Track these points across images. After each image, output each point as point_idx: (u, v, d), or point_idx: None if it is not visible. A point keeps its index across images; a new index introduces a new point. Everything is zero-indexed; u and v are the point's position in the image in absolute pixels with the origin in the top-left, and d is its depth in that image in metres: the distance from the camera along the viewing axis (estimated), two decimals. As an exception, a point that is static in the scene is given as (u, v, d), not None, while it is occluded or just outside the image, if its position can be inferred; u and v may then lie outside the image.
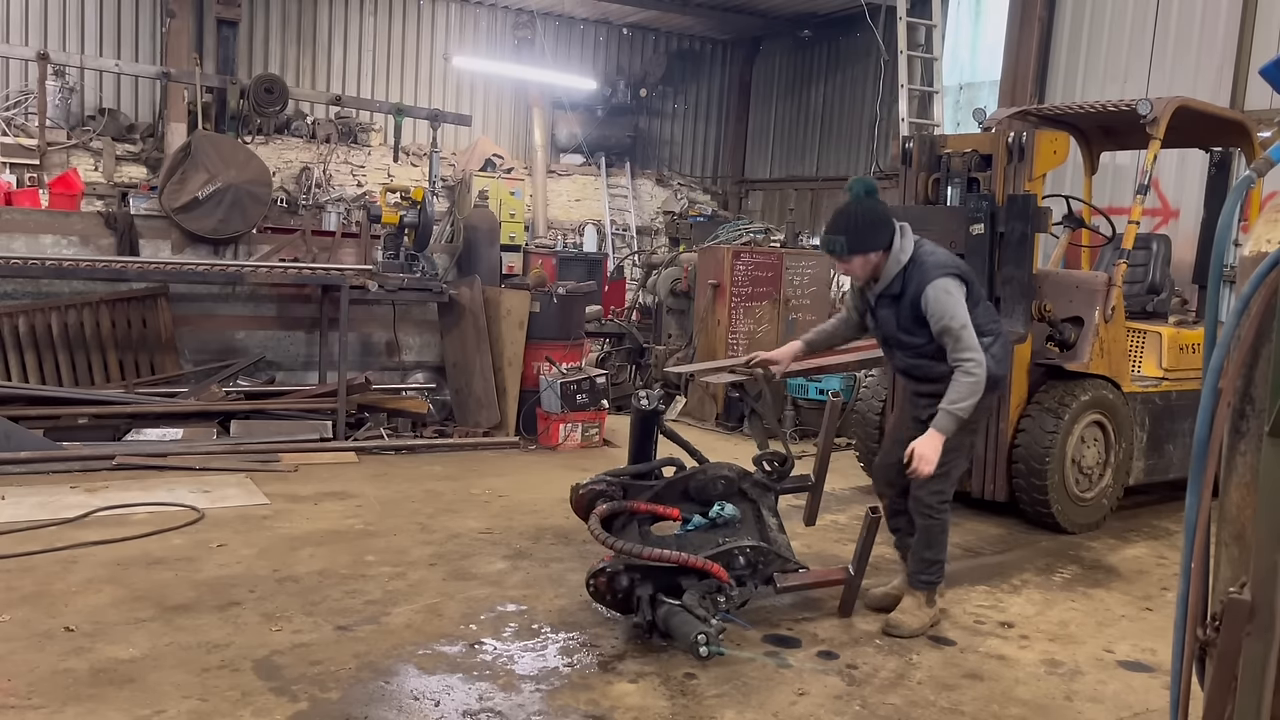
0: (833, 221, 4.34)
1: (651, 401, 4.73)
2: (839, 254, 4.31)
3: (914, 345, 4.37)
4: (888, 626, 4.44)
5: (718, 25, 16.71)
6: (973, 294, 4.34)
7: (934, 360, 4.32)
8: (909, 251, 4.28)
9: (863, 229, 4.25)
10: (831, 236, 4.29)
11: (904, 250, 4.28)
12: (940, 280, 4.20)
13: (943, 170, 6.41)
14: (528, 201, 15.55)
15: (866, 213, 4.28)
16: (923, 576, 4.52)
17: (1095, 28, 9.93)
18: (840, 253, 4.29)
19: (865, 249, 4.26)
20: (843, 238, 4.26)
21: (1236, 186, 2.14)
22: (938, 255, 4.34)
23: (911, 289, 4.25)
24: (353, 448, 7.26)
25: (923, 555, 4.52)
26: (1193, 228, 8.31)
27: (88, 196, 12.37)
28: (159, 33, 13.73)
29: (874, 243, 4.25)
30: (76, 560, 4.77)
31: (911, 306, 4.26)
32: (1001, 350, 4.44)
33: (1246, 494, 1.89)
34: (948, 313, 4.17)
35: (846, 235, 4.25)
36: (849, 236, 4.25)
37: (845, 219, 4.28)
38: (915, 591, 4.54)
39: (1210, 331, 2.17)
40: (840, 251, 4.29)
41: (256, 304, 8.25)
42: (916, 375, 4.49)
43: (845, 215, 4.30)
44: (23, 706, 3.37)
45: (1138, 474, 6.56)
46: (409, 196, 8.51)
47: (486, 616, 4.39)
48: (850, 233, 4.25)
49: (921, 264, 4.25)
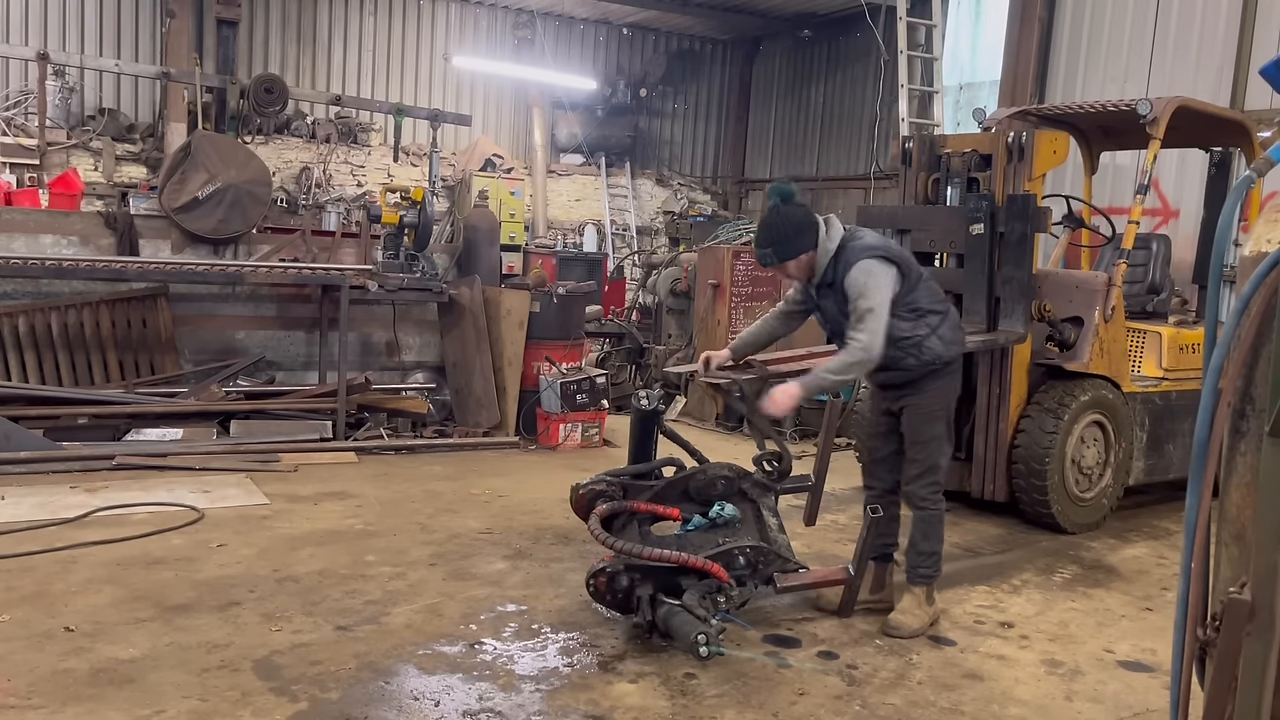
0: (758, 235, 4.42)
1: (651, 401, 4.73)
2: (771, 265, 4.37)
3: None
4: (887, 627, 4.43)
5: (718, 25, 16.71)
6: (908, 275, 4.36)
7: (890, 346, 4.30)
8: (836, 240, 4.32)
9: (787, 235, 4.30)
10: (761, 250, 4.36)
11: (830, 240, 4.32)
12: (863, 262, 4.23)
13: (942, 170, 6.41)
14: (528, 201, 15.55)
15: (787, 219, 4.32)
16: (921, 570, 4.53)
17: (1095, 28, 9.94)
18: (772, 263, 4.35)
19: (794, 254, 4.31)
20: (769, 250, 4.32)
21: (1237, 186, 2.14)
22: (865, 239, 4.37)
23: (840, 274, 4.29)
24: (353, 448, 7.26)
25: (919, 548, 4.53)
26: (1193, 228, 8.31)
27: (88, 196, 12.37)
28: (159, 33, 13.73)
29: (800, 245, 4.30)
30: (76, 560, 4.77)
31: (842, 292, 4.30)
32: (950, 331, 4.44)
33: (1246, 494, 1.89)
34: (862, 292, 4.21)
35: (773, 246, 4.32)
36: (775, 247, 4.31)
37: (768, 230, 4.35)
38: (913, 588, 4.54)
39: (1210, 331, 2.17)
40: (771, 262, 4.35)
41: (256, 304, 8.25)
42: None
43: (768, 226, 4.36)
44: (23, 706, 3.37)
45: (1137, 474, 6.56)
46: (409, 196, 8.51)
47: (486, 616, 4.39)
48: (776, 243, 4.31)
49: (848, 249, 4.29)
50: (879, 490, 4.75)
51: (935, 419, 4.46)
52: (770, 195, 4.41)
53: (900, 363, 4.36)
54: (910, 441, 4.52)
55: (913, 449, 4.52)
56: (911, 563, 4.55)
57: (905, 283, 4.32)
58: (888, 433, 4.66)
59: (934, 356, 4.38)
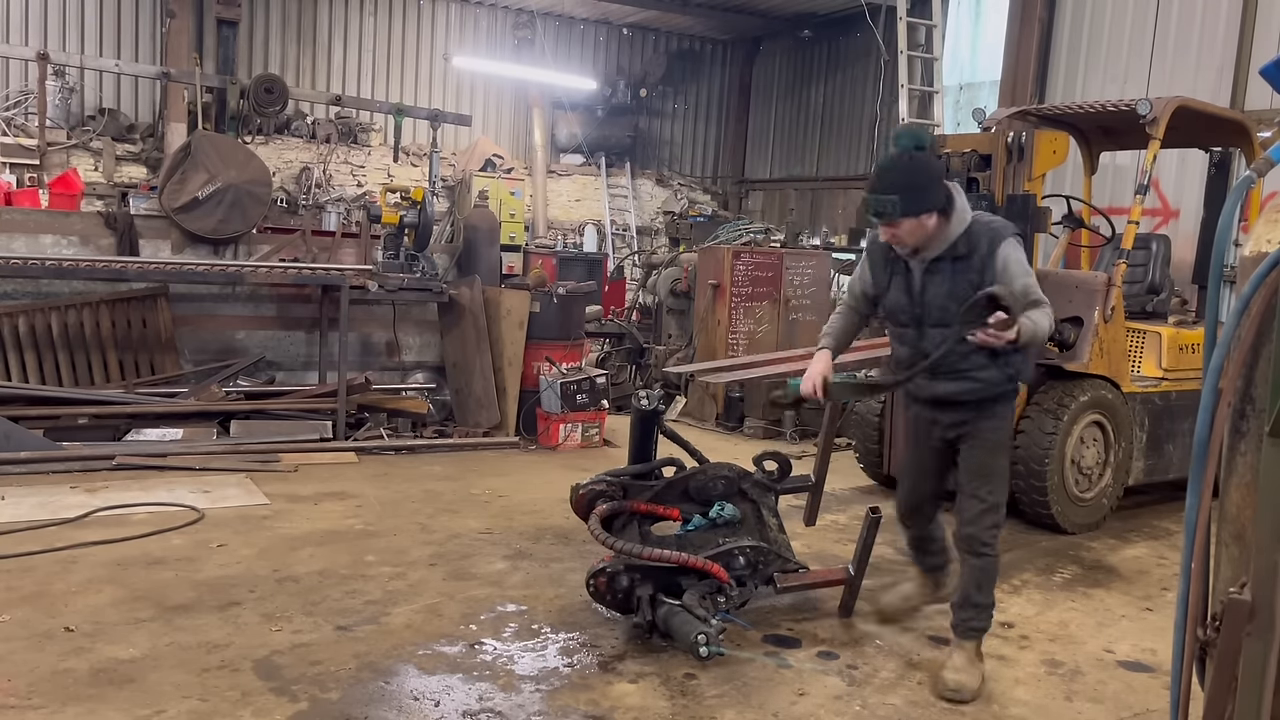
0: (880, 179, 3.69)
1: (651, 401, 4.73)
2: (891, 216, 3.64)
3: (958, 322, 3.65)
4: (946, 690, 3.82)
5: (718, 25, 16.71)
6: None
7: (969, 347, 3.64)
8: (969, 211, 3.77)
9: (919, 186, 3.62)
10: (881, 197, 3.63)
11: (966, 210, 3.76)
12: (1014, 239, 3.74)
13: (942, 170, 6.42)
14: (528, 201, 15.55)
15: (921, 168, 3.70)
16: (974, 624, 3.98)
17: (1095, 28, 9.94)
18: (893, 215, 3.63)
19: (920, 210, 3.63)
20: (895, 197, 3.61)
21: (1237, 186, 2.14)
22: (987, 214, 3.88)
23: (982, 248, 3.69)
24: (353, 448, 7.26)
25: (975, 600, 3.96)
26: (1193, 228, 8.31)
27: (88, 196, 12.37)
28: (159, 33, 13.73)
29: (931, 202, 3.65)
30: (76, 560, 4.77)
31: (979, 269, 3.68)
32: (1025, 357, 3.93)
33: (1246, 494, 1.89)
34: (1028, 270, 3.72)
35: (900, 194, 3.60)
36: (903, 196, 3.60)
37: (897, 175, 3.66)
38: (965, 643, 3.99)
39: (1210, 331, 2.17)
40: (893, 214, 3.63)
41: (256, 304, 8.25)
42: (944, 369, 3.79)
43: (897, 171, 3.69)
44: (23, 706, 3.37)
45: (1137, 474, 6.56)
46: (409, 196, 8.51)
47: (486, 617, 4.39)
48: (905, 190, 3.60)
49: (990, 224, 3.75)
50: (923, 534, 4.38)
51: (1003, 449, 3.96)
52: (899, 141, 3.86)
53: (977, 373, 3.79)
54: (972, 475, 3.94)
55: (975, 483, 3.93)
56: (964, 616, 3.97)
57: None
58: (938, 469, 4.14)
59: (1017, 370, 3.83)
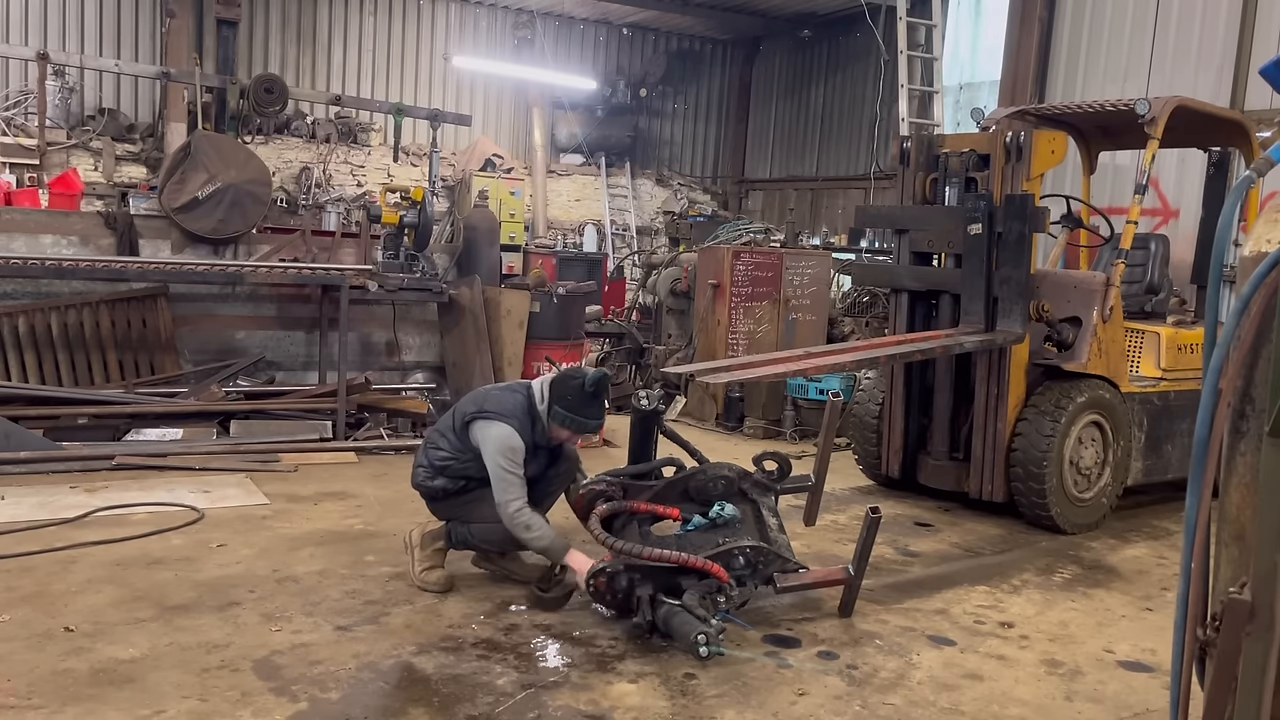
0: (597, 409, 4.63)
1: (651, 401, 4.73)
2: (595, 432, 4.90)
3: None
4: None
5: (718, 25, 16.71)
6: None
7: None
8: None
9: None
10: (598, 420, 4.71)
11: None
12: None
13: (940, 170, 6.42)
14: (528, 201, 15.56)
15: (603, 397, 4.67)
16: None
17: (1095, 28, 9.94)
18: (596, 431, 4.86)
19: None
20: (603, 418, 4.78)
21: (1237, 186, 2.15)
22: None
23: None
24: (353, 448, 7.26)
25: None
26: (1193, 228, 8.31)
27: (87, 196, 12.37)
28: (159, 33, 13.74)
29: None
30: (76, 560, 4.77)
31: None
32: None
33: (1246, 494, 1.89)
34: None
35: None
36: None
37: (600, 406, 4.64)
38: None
39: (1210, 331, 2.18)
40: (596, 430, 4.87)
41: (256, 304, 8.25)
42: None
43: (600, 403, 4.63)
44: (23, 706, 3.37)
45: (1136, 474, 6.56)
46: (409, 196, 8.51)
47: (486, 617, 4.39)
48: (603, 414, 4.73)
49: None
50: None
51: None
52: (594, 380, 4.58)
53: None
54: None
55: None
56: None
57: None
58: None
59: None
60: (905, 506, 6.61)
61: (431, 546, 4.66)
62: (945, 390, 6.44)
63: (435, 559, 4.66)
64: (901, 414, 6.65)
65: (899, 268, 6.59)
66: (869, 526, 4.47)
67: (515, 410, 4.47)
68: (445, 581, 4.63)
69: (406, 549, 4.68)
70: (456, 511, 4.65)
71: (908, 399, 6.64)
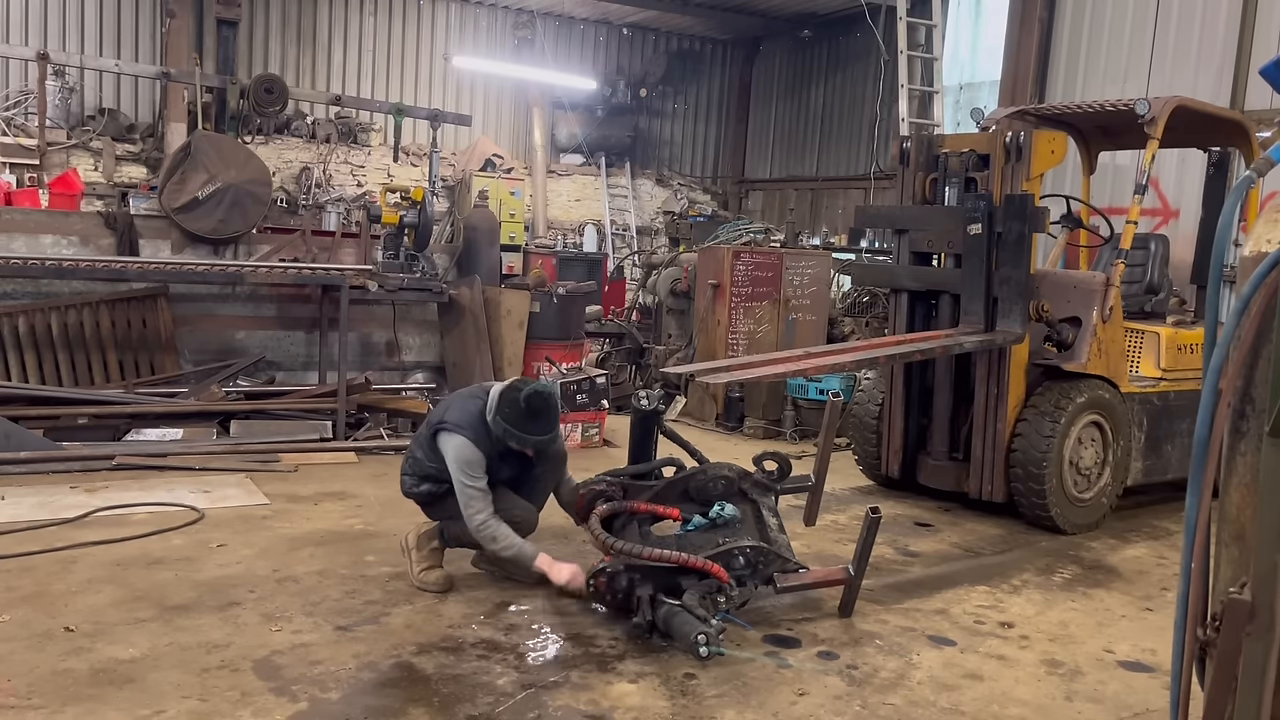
0: (549, 422, 4.52)
1: (651, 401, 4.73)
2: (552, 444, 4.69)
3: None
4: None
5: (718, 25, 16.71)
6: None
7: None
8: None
9: (558, 419, 4.63)
10: (551, 435, 4.58)
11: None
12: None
13: (940, 170, 6.42)
14: (528, 201, 15.56)
15: (556, 406, 4.59)
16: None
17: (1095, 28, 9.94)
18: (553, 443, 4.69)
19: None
20: (556, 430, 4.65)
21: (1237, 187, 2.15)
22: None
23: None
24: (353, 448, 7.26)
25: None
26: (1193, 228, 8.31)
27: (88, 196, 12.37)
28: (159, 33, 13.74)
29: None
30: (76, 560, 4.77)
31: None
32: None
33: (1246, 494, 1.89)
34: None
35: (557, 429, 4.65)
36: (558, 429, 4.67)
37: (553, 416, 4.54)
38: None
39: (1210, 331, 2.18)
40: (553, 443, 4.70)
41: (256, 304, 8.25)
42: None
43: (552, 413, 4.52)
44: (22, 706, 3.37)
45: (1135, 474, 6.56)
46: (409, 196, 8.51)
47: (487, 617, 4.39)
48: (557, 425, 4.62)
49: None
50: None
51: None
52: (541, 391, 4.54)
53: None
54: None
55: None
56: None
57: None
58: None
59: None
60: (905, 506, 6.61)
61: (428, 546, 4.67)
62: (945, 390, 6.44)
63: (433, 558, 4.67)
64: (901, 414, 6.65)
65: (898, 268, 6.60)
66: (869, 526, 4.47)
67: (471, 421, 4.48)
68: (444, 581, 4.64)
69: (404, 551, 4.69)
70: (446, 513, 4.67)
71: (907, 399, 6.64)
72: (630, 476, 4.73)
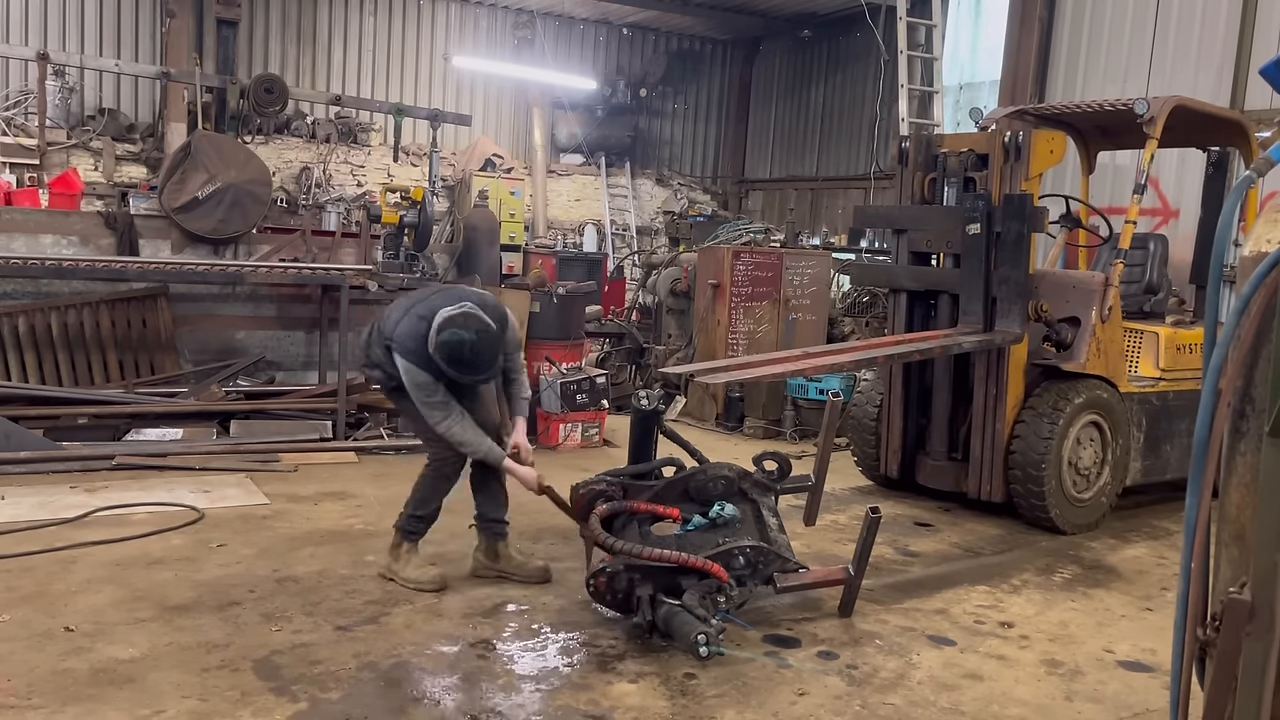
0: (485, 361, 4.45)
1: (651, 401, 4.73)
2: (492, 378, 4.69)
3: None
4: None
5: (718, 25, 16.71)
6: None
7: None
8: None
9: (496, 355, 4.52)
10: (487, 374, 4.55)
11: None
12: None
13: (939, 170, 6.42)
14: (528, 201, 15.55)
15: (496, 341, 4.49)
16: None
17: (1095, 28, 9.94)
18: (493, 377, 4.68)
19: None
20: (493, 369, 4.57)
21: (1236, 187, 2.15)
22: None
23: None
24: (353, 448, 7.26)
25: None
26: (1192, 228, 8.31)
27: (88, 196, 12.37)
28: (159, 33, 13.74)
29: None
30: (76, 560, 4.77)
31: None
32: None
33: (1246, 494, 1.89)
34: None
35: (494, 366, 4.56)
36: (494, 366, 4.57)
37: (490, 354, 4.45)
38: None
39: (1210, 331, 2.18)
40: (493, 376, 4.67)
41: (256, 304, 8.25)
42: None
43: (488, 351, 4.44)
44: (22, 706, 3.37)
45: (1134, 474, 6.56)
46: (409, 196, 8.51)
47: (486, 616, 4.39)
48: (495, 362, 4.53)
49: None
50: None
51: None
52: (471, 329, 4.44)
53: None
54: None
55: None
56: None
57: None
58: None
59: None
60: (905, 506, 6.61)
61: (399, 551, 4.74)
62: (944, 390, 6.44)
63: (409, 557, 4.73)
64: (900, 414, 6.66)
65: (898, 268, 6.60)
66: (869, 526, 4.48)
67: (418, 346, 4.45)
68: (439, 579, 4.65)
69: (385, 576, 4.74)
70: (401, 405, 4.81)
71: (906, 399, 6.64)
72: (630, 476, 4.73)
